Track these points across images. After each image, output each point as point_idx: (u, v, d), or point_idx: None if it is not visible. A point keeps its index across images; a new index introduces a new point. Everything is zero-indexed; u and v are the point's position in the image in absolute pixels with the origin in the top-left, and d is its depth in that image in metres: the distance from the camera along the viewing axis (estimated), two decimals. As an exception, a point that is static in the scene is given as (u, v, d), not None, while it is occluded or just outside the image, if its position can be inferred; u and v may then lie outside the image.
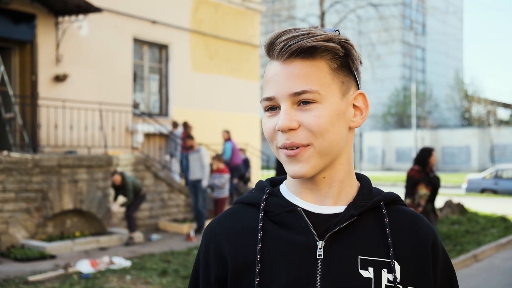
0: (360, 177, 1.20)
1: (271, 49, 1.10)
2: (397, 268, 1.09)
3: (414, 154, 44.98)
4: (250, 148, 15.98)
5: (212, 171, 10.95)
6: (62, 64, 11.84)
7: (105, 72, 12.71)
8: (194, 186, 10.94)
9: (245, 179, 14.48)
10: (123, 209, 10.12)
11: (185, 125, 13.10)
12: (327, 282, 1.06)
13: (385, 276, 1.08)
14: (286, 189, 1.18)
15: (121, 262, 8.03)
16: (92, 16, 11.99)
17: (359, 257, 1.08)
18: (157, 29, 14.00)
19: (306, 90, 1.06)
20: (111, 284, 6.93)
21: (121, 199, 10.04)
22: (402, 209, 1.18)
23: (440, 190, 7.73)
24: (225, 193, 10.59)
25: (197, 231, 10.79)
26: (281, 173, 11.98)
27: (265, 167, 18.00)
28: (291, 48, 1.06)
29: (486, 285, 7.27)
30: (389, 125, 58.29)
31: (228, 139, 13.27)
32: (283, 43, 1.07)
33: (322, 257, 1.08)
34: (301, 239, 1.09)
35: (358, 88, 1.15)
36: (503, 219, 12.80)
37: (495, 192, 20.81)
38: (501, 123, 50.35)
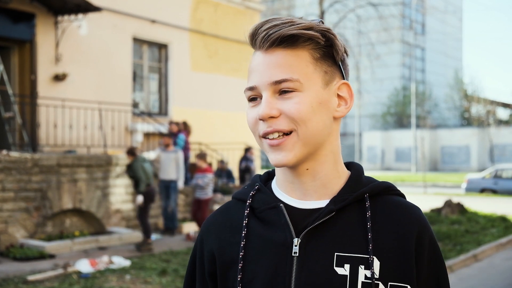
0: (351, 167, 1.18)
1: (253, 39, 1.10)
2: (376, 263, 1.07)
3: (413, 154, 45.01)
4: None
5: (196, 170, 10.64)
6: (61, 63, 11.83)
7: (104, 71, 12.69)
8: (166, 187, 10.71)
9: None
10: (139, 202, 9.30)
11: (185, 125, 13.08)
12: (301, 280, 1.06)
13: (362, 272, 1.06)
14: (275, 184, 1.18)
15: (120, 261, 8.02)
16: (91, 15, 11.97)
17: (335, 253, 1.07)
18: (156, 29, 13.98)
19: (287, 78, 1.06)
20: (111, 283, 6.92)
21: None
22: (391, 200, 1.14)
23: (440, 190, 7.65)
24: (208, 193, 10.17)
25: (168, 232, 10.83)
26: None
27: (265, 166, 18.01)
28: (272, 36, 1.06)
29: (486, 284, 7.26)
30: (389, 125, 58.26)
31: (179, 131, 12.43)
32: (264, 32, 1.07)
33: (297, 255, 1.07)
34: (280, 236, 1.10)
35: (343, 79, 1.14)
36: (503, 219, 12.80)
37: (494, 192, 20.81)
38: (501, 122, 50.37)
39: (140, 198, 9.24)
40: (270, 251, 1.09)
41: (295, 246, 1.08)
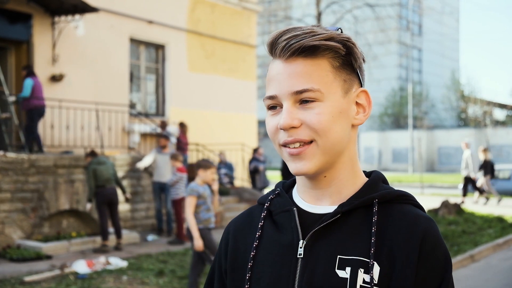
0: (371, 175, 1.19)
1: (273, 47, 1.10)
2: (376, 269, 1.05)
3: (410, 155, 45.06)
4: (247, 148, 15.96)
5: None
6: (58, 64, 11.81)
7: (101, 72, 12.68)
8: (161, 189, 10.64)
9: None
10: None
11: (182, 125, 13.07)
12: (303, 281, 1.08)
13: (361, 276, 1.05)
14: (295, 190, 1.21)
15: (117, 262, 8.01)
16: (88, 16, 11.96)
17: (338, 256, 1.08)
18: (153, 29, 13.98)
19: (308, 88, 1.06)
20: (108, 284, 6.91)
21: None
22: (402, 208, 1.12)
23: (437, 191, 7.69)
24: (178, 193, 9.99)
25: (159, 233, 10.79)
26: (286, 174, 11.87)
27: (268, 167, 17.94)
28: (292, 47, 1.06)
29: (483, 285, 7.27)
30: (386, 126, 58.32)
31: (28, 74, 10.34)
32: (284, 42, 1.07)
33: (302, 256, 1.09)
34: (288, 238, 1.13)
35: (361, 86, 1.15)
36: (499, 220, 12.81)
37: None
38: (497, 123, 50.43)
39: (87, 206, 9.31)
40: (277, 252, 1.13)
41: (300, 248, 1.10)
